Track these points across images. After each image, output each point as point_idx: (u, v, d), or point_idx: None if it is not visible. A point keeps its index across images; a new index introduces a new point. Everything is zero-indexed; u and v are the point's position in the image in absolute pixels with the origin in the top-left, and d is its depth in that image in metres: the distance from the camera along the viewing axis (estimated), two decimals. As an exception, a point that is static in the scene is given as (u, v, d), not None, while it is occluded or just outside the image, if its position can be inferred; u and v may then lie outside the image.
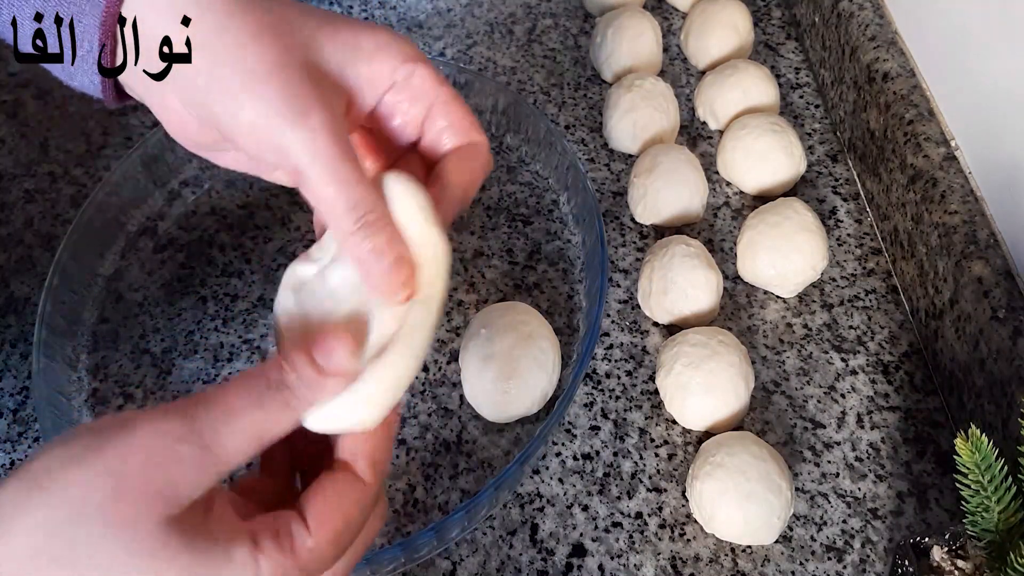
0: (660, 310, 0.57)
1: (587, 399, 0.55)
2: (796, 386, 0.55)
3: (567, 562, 0.48)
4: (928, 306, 0.56)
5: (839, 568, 0.48)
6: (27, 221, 0.63)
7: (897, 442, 0.53)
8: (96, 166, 0.66)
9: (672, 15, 0.80)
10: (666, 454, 0.52)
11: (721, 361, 0.52)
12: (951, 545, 0.40)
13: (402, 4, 0.79)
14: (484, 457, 0.52)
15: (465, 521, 0.46)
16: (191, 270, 0.61)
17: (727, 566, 0.48)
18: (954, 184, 0.55)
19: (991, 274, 0.50)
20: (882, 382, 0.56)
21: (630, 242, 0.63)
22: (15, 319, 0.58)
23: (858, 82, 0.65)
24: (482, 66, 0.75)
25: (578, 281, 0.60)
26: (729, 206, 0.65)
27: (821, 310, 0.59)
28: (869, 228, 0.64)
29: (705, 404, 0.52)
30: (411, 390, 0.54)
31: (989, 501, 0.38)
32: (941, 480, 0.51)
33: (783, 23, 0.79)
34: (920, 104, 0.60)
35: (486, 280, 0.60)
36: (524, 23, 0.78)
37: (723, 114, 0.69)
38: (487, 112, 0.68)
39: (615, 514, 0.50)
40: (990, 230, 0.53)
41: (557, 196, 0.65)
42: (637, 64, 0.71)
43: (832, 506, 0.50)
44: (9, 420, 0.54)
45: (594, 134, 0.70)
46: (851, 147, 0.68)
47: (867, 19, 0.66)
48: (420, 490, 0.51)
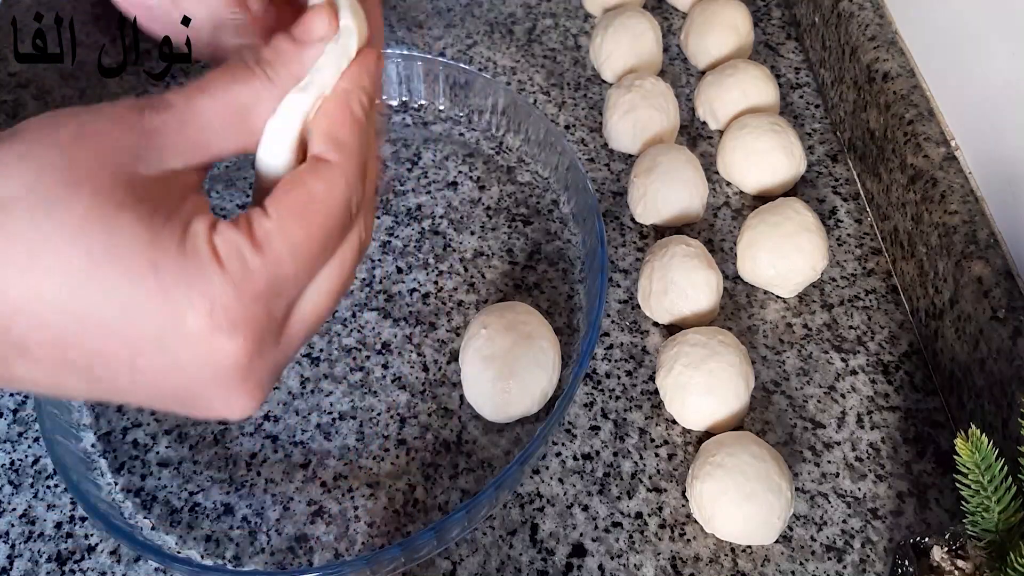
0: (660, 310, 0.57)
1: (587, 399, 0.55)
2: (796, 386, 0.55)
3: (567, 562, 0.48)
4: (928, 306, 0.56)
5: (839, 568, 0.48)
6: (27, 221, 0.63)
7: (897, 442, 0.53)
8: (96, 166, 0.66)
9: (672, 15, 0.80)
10: (666, 454, 0.52)
11: (721, 361, 0.52)
12: (951, 545, 0.40)
13: (402, 4, 0.79)
14: (484, 457, 0.52)
15: (465, 521, 0.46)
16: (191, 270, 0.60)
17: (727, 566, 0.48)
18: (954, 184, 0.55)
19: (991, 274, 0.50)
20: (882, 382, 0.56)
21: (630, 242, 0.63)
22: (15, 319, 0.58)
23: (858, 82, 0.65)
24: (482, 66, 0.75)
25: (578, 281, 0.60)
26: (729, 206, 0.65)
27: (821, 310, 0.59)
28: (869, 228, 0.64)
29: (705, 404, 0.52)
30: (411, 390, 0.54)
31: (989, 501, 0.38)
32: (941, 480, 0.51)
33: (783, 23, 0.79)
34: (920, 104, 0.60)
35: (486, 280, 0.60)
36: (524, 23, 0.78)
37: (723, 114, 0.69)
38: (487, 112, 0.68)
39: (615, 514, 0.50)
40: (990, 230, 0.53)
41: (557, 196, 0.65)
42: (637, 64, 0.71)
43: (832, 506, 0.50)
44: (9, 420, 0.54)
45: (594, 134, 0.70)
46: (851, 147, 0.68)
47: (867, 19, 0.66)
48: (420, 490, 0.51)
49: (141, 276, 0.23)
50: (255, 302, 0.24)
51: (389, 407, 0.54)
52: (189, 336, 0.24)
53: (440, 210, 0.64)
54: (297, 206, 0.26)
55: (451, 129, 0.69)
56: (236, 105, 0.26)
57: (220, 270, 0.24)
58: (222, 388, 0.25)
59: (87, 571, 0.48)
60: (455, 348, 0.57)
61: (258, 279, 0.25)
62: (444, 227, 0.63)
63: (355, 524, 0.49)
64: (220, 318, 0.24)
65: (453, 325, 0.58)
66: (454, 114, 0.70)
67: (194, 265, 0.24)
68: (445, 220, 0.64)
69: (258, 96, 0.27)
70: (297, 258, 0.26)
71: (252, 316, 0.24)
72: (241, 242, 0.25)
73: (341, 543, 0.49)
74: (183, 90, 0.26)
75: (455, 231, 0.63)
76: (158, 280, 0.23)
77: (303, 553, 0.48)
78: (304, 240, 0.26)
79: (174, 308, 0.23)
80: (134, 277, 0.23)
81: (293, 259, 0.25)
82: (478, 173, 0.67)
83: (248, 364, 0.25)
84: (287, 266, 0.25)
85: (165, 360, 0.24)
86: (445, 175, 0.66)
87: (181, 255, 0.24)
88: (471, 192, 0.65)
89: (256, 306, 0.24)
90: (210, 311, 0.24)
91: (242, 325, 0.24)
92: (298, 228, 0.26)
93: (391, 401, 0.54)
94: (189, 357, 0.24)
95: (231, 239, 0.25)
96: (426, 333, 0.57)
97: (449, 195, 0.65)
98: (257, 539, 0.49)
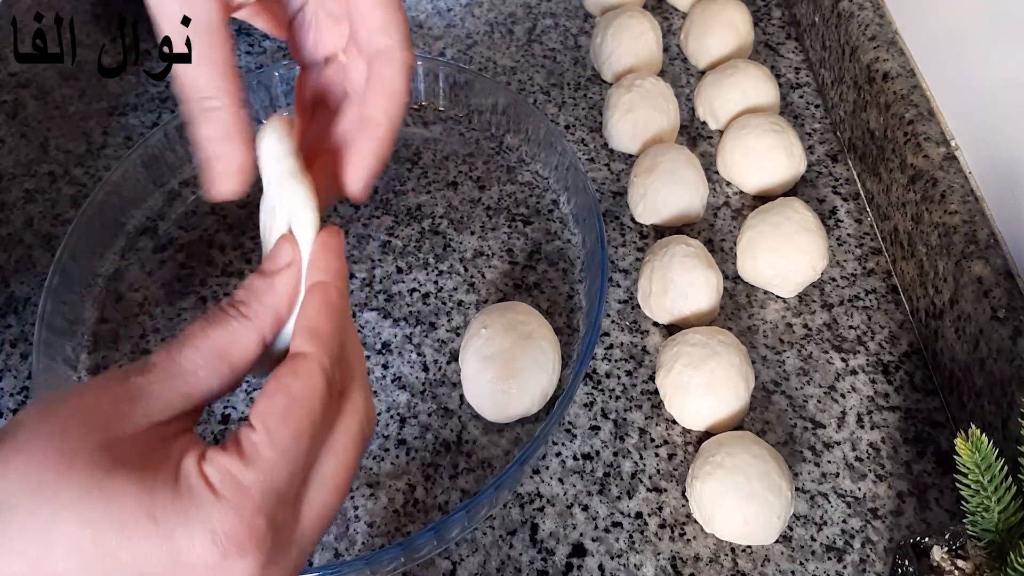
0: (660, 310, 0.57)
1: (587, 399, 0.55)
2: (796, 386, 0.55)
3: (567, 562, 0.48)
4: (928, 306, 0.56)
5: (839, 568, 0.48)
6: (27, 221, 0.63)
7: (897, 442, 0.53)
8: (96, 166, 0.66)
9: (672, 15, 0.80)
10: (666, 454, 0.52)
11: (721, 361, 0.52)
12: (951, 545, 0.40)
13: (402, 4, 0.79)
14: (484, 457, 0.52)
15: (465, 521, 0.46)
16: (191, 270, 0.61)
17: (727, 566, 0.48)
18: (954, 184, 0.55)
19: (991, 274, 0.50)
20: (882, 382, 0.56)
21: (630, 242, 0.63)
22: (15, 319, 0.58)
23: (858, 82, 0.65)
24: (482, 66, 0.75)
25: (578, 281, 0.60)
26: (729, 206, 0.65)
27: (821, 310, 0.59)
28: (869, 228, 0.64)
29: (705, 404, 0.52)
30: (411, 390, 0.54)
31: (989, 501, 0.38)
32: (941, 480, 0.51)
33: (783, 23, 0.79)
34: (920, 104, 0.60)
35: (486, 280, 0.60)
36: (524, 23, 0.78)
37: (723, 114, 0.69)
38: (487, 112, 0.68)
39: (615, 514, 0.50)
40: (990, 230, 0.53)
41: (557, 196, 0.65)
42: (637, 64, 0.71)
43: (832, 506, 0.50)
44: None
45: (594, 134, 0.70)
46: (851, 147, 0.68)
47: (867, 19, 0.66)
48: (420, 490, 0.51)
49: (144, 531, 0.24)
50: (256, 515, 0.25)
51: (389, 407, 0.54)
52: (200, 569, 0.25)
53: (440, 210, 0.64)
54: (279, 409, 0.27)
55: (451, 129, 0.69)
56: (216, 350, 0.28)
57: (215, 499, 0.25)
58: None
59: (87, 571, 0.48)
60: (455, 348, 0.57)
61: (255, 493, 0.25)
62: (444, 227, 0.63)
63: (355, 524, 0.49)
64: (225, 543, 0.25)
65: (453, 325, 0.58)
66: (454, 114, 0.70)
67: (189, 502, 0.25)
68: (445, 220, 0.64)
69: (235, 337, 0.28)
70: (289, 459, 0.26)
71: (256, 531, 0.25)
72: (231, 463, 0.26)
73: (341, 543, 0.49)
74: (165, 347, 0.27)
75: (455, 231, 0.63)
76: (159, 529, 0.24)
77: (303, 553, 0.48)
78: (292, 439, 0.27)
79: (180, 548, 0.24)
80: (138, 533, 0.24)
81: (285, 461, 0.26)
82: (478, 173, 0.67)
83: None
84: (280, 469, 0.26)
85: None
86: (445, 175, 0.66)
87: (176, 497, 0.25)
88: (471, 192, 0.65)
89: (258, 519, 0.25)
90: (213, 540, 0.24)
91: (248, 543, 0.25)
92: (284, 430, 0.26)
93: (391, 401, 0.54)
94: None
95: (221, 464, 0.25)
96: (426, 333, 0.57)
97: (449, 195, 0.65)
98: (257, 539, 0.49)
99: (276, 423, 0.26)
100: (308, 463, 0.28)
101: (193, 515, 0.24)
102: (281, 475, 0.26)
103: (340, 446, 0.29)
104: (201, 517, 0.24)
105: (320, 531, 0.29)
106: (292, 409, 0.27)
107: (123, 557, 0.24)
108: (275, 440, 0.26)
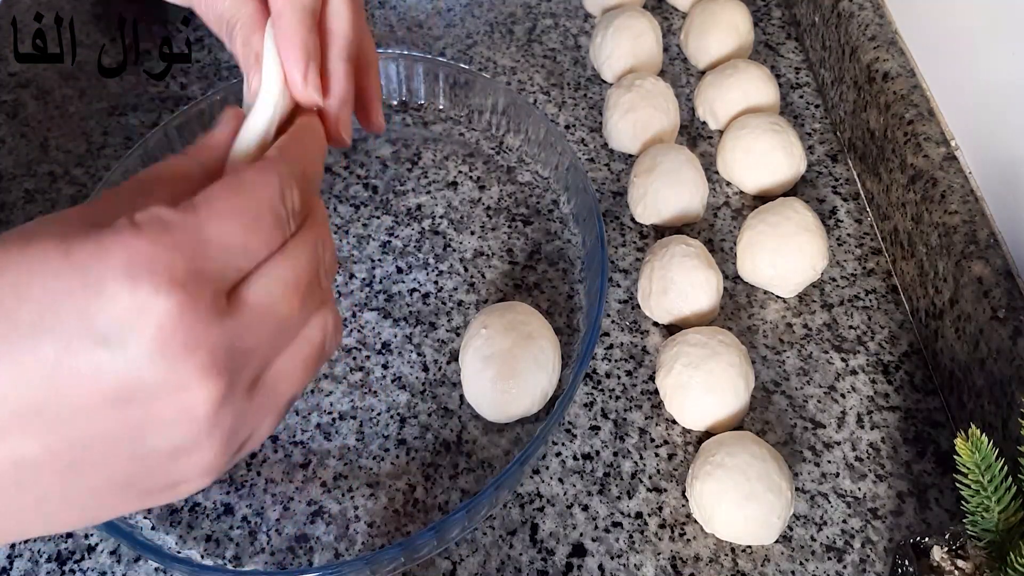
0: (660, 310, 0.57)
1: (587, 399, 0.55)
2: (796, 386, 0.55)
3: (567, 562, 0.48)
4: (928, 306, 0.56)
5: (839, 568, 0.48)
6: (27, 221, 0.63)
7: (897, 442, 0.53)
8: (96, 166, 0.66)
9: (672, 15, 0.80)
10: (666, 454, 0.52)
11: (721, 361, 0.52)
12: (951, 545, 0.40)
13: (402, 4, 0.79)
14: (484, 457, 0.52)
15: (465, 521, 0.46)
16: (191, 270, 0.60)
17: (727, 566, 0.48)
18: (954, 184, 0.55)
19: (991, 274, 0.50)
20: (882, 382, 0.56)
21: (630, 242, 0.63)
22: (15, 319, 0.58)
23: (858, 82, 0.65)
24: (482, 66, 0.75)
25: (578, 281, 0.60)
26: (729, 206, 0.65)
27: (821, 310, 0.59)
28: (869, 228, 0.64)
29: (705, 404, 0.52)
30: (411, 390, 0.54)
31: (989, 501, 0.38)
32: (941, 480, 0.51)
33: (783, 23, 0.79)
34: (920, 104, 0.60)
35: (486, 280, 0.60)
36: (524, 23, 0.78)
37: (723, 114, 0.69)
38: (487, 112, 0.68)
39: (615, 514, 0.50)
40: (990, 230, 0.53)
41: (557, 196, 0.65)
42: (637, 64, 0.71)
43: (832, 506, 0.50)
44: (9, 420, 0.54)
45: (594, 134, 0.70)
46: (851, 147, 0.68)
47: (867, 19, 0.66)
48: (420, 490, 0.51)
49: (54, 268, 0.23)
50: (174, 250, 0.23)
51: (389, 407, 0.54)
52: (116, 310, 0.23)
53: (440, 210, 0.64)
54: (226, 184, 0.26)
55: (451, 129, 0.69)
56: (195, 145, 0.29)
57: (135, 230, 0.23)
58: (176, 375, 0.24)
59: (87, 571, 0.48)
60: (455, 348, 0.57)
61: (177, 234, 0.24)
62: (444, 227, 0.63)
63: (355, 524, 0.49)
64: (139, 267, 0.23)
65: (453, 325, 0.58)
66: (454, 114, 0.70)
67: (107, 233, 0.23)
68: (445, 220, 0.64)
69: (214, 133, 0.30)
70: (223, 225, 0.25)
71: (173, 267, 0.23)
72: (161, 210, 0.24)
73: (341, 543, 0.49)
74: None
75: (455, 231, 0.63)
76: (71, 261, 0.23)
77: (303, 553, 0.48)
78: (228, 209, 0.25)
79: (91, 282, 0.23)
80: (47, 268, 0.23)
81: (218, 224, 0.25)
82: (478, 173, 0.67)
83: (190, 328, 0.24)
84: (211, 229, 0.24)
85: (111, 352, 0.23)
86: (445, 175, 0.66)
87: (96, 232, 0.23)
88: (471, 192, 0.65)
89: (176, 255, 0.23)
90: (128, 271, 0.23)
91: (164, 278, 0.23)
92: (225, 197, 0.25)
93: (391, 401, 0.54)
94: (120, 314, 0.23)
95: (151, 210, 0.24)
96: (426, 333, 0.57)
97: (449, 195, 0.65)
98: (257, 539, 0.49)
99: (219, 189, 0.25)
100: (248, 250, 0.26)
101: (107, 244, 0.23)
102: (212, 233, 0.24)
103: (309, 330, 0.28)
104: (116, 248, 0.23)
105: (278, 400, 0.28)
106: (239, 188, 0.26)
107: (34, 295, 0.23)
108: (212, 201, 0.25)
